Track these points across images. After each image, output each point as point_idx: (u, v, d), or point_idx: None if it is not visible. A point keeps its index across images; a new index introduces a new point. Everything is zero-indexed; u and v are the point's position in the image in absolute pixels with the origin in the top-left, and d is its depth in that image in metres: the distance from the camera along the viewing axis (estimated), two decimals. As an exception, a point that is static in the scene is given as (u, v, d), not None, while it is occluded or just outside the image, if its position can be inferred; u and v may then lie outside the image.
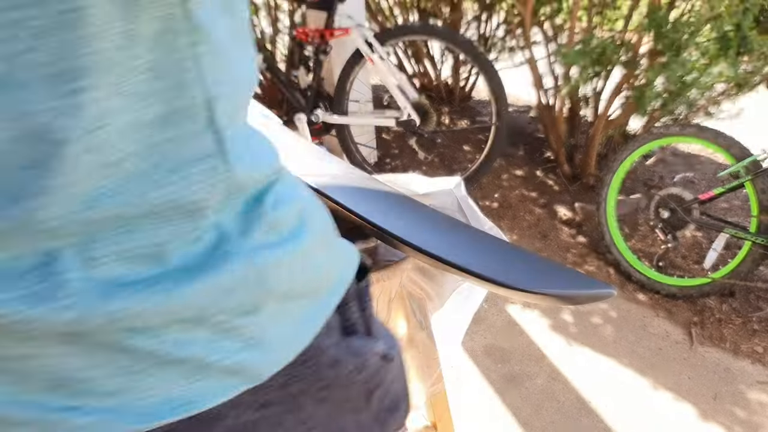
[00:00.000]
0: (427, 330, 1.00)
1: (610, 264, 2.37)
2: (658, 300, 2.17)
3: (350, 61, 2.58)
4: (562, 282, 0.74)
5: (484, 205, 2.77)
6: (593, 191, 2.85)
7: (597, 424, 1.64)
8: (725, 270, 2.05)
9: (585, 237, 2.56)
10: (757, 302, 2.13)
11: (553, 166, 3.08)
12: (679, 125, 2.13)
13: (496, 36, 3.58)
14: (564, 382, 1.79)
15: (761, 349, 1.93)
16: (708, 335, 1.99)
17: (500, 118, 2.55)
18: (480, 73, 2.57)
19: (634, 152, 2.24)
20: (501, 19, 3.54)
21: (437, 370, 1.05)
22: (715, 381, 1.80)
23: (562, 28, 3.10)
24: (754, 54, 2.10)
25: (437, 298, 1.01)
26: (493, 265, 0.77)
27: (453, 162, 3.13)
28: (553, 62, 2.80)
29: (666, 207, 2.16)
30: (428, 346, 1.01)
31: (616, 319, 2.07)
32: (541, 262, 0.79)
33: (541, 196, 2.86)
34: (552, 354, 1.90)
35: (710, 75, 2.09)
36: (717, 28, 2.05)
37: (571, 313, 2.09)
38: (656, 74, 2.18)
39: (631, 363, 1.87)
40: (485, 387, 1.76)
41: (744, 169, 1.97)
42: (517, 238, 2.56)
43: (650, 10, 2.26)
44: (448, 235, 0.86)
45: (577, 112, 2.96)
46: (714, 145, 2.04)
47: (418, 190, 1.08)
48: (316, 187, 0.91)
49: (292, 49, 2.65)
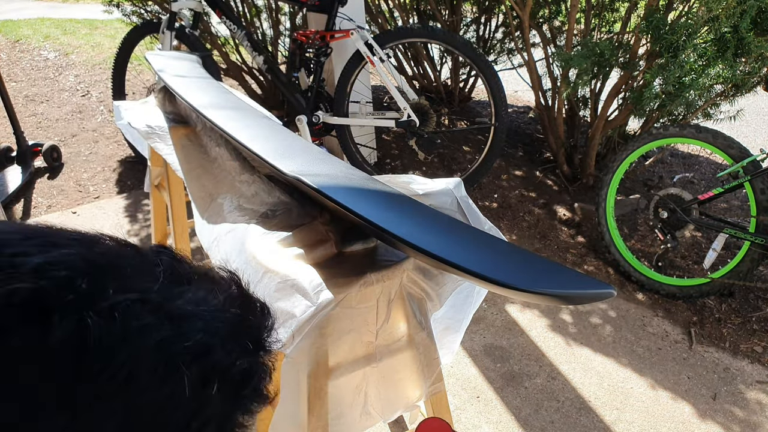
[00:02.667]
0: (427, 330, 1.01)
1: (609, 264, 2.37)
2: (658, 300, 2.17)
3: (350, 63, 2.59)
4: (561, 282, 0.75)
5: (483, 205, 2.78)
6: (592, 191, 2.86)
7: (596, 424, 1.65)
8: (724, 270, 2.06)
9: (584, 237, 2.56)
10: (756, 302, 2.14)
11: (553, 167, 3.09)
12: (677, 126, 2.14)
13: (495, 38, 3.59)
14: (563, 382, 1.79)
15: (760, 348, 1.93)
16: (707, 335, 2.00)
17: (499, 118, 2.56)
18: (479, 75, 2.58)
19: (633, 153, 2.25)
20: (499, 22, 3.55)
21: (437, 370, 1.05)
22: (714, 381, 1.81)
23: (561, 30, 3.11)
24: (752, 55, 2.11)
25: (437, 298, 1.01)
26: (493, 265, 0.77)
27: (453, 162, 3.13)
28: (551, 63, 2.81)
29: (665, 207, 2.17)
30: (428, 346, 1.02)
31: (615, 319, 2.07)
32: (541, 262, 0.79)
33: (541, 197, 2.86)
34: (551, 354, 1.90)
35: (708, 76, 2.10)
36: (714, 29, 2.06)
37: (571, 313, 2.10)
38: (654, 76, 2.19)
39: (630, 363, 1.87)
40: (485, 386, 1.77)
41: (743, 169, 1.97)
42: (517, 238, 2.56)
43: (648, 12, 2.27)
44: (448, 235, 0.87)
45: (576, 112, 2.97)
46: (713, 146, 2.05)
47: (418, 191, 1.09)
48: (316, 187, 0.92)
49: (293, 51, 2.66)
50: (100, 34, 5.30)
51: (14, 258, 0.30)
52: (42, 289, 0.29)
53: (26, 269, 0.30)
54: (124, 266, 0.34)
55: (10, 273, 0.29)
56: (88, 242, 0.34)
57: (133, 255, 0.36)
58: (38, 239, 0.32)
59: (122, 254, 0.35)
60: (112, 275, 0.32)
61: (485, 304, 2.13)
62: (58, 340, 0.28)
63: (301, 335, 0.86)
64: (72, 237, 0.34)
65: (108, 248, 0.35)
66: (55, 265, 0.30)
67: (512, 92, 4.28)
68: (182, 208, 1.68)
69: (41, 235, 0.33)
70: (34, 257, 0.30)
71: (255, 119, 1.32)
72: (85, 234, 0.35)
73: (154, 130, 1.47)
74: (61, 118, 3.64)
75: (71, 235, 0.34)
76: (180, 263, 0.38)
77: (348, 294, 0.88)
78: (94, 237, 0.36)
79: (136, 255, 0.36)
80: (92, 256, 0.33)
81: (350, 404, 1.00)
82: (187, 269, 0.38)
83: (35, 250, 0.31)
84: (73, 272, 0.31)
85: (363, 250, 0.98)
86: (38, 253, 0.31)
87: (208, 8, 2.64)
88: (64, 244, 0.32)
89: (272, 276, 0.90)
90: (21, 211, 2.74)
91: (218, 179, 1.22)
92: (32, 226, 0.34)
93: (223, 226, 1.08)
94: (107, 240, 0.36)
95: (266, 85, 3.57)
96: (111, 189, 2.93)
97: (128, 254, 0.36)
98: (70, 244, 0.33)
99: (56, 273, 0.30)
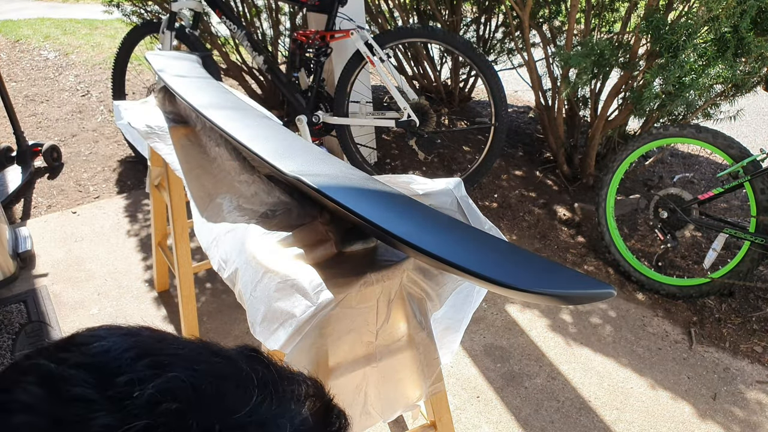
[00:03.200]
0: (427, 330, 1.01)
1: (609, 264, 2.37)
2: (658, 300, 2.17)
3: (350, 63, 2.59)
4: (561, 282, 0.75)
5: (483, 205, 2.78)
6: (592, 191, 2.86)
7: (596, 424, 1.65)
8: (724, 270, 2.06)
9: (584, 237, 2.56)
10: (756, 302, 2.14)
11: (553, 167, 3.09)
12: (677, 126, 2.14)
13: (495, 38, 3.59)
14: (563, 382, 1.79)
15: (760, 348, 1.93)
16: (707, 335, 2.00)
17: (499, 118, 2.56)
18: (479, 75, 2.58)
19: (633, 153, 2.25)
20: (499, 22, 3.55)
21: (437, 370, 1.05)
22: (714, 381, 1.81)
23: (561, 30, 3.11)
24: (752, 55, 2.11)
25: (437, 298, 1.01)
26: (493, 265, 0.77)
27: (452, 162, 3.13)
28: (551, 63, 2.81)
29: (665, 207, 2.17)
30: (428, 346, 1.02)
31: (615, 319, 2.07)
32: (540, 262, 0.79)
33: (541, 196, 2.86)
34: (551, 354, 1.90)
35: (708, 76, 2.10)
36: (714, 29, 2.06)
37: (571, 313, 2.10)
38: (654, 76, 2.19)
39: (630, 363, 1.87)
40: (485, 386, 1.77)
41: (743, 169, 1.97)
42: (517, 238, 2.56)
43: (648, 12, 2.27)
44: (448, 235, 0.87)
45: (576, 112, 2.97)
46: (713, 146, 2.05)
47: (418, 191, 1.09)
48: (316, 187, 0.92)
49: (293, 51, 2.66)
50: (100, 34, 5.30)
51: (129, 388, 0.30)
52: (157, 426, 0.29)
53: (141, 402, 0.30)
54: (227, 394, 0.34)
55: (127, 407, 0.29)
56: (192, 360, 0.35)
57: (231, 372, 0.36)
58: (148, 359, 0.32)
59: (223, 375, 0.35)
60: (217, 408, 0.33)
61: (485, 304, 2.13)
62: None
63: (300, 335, 0.86)
64: (175, 352, 0.34)
65: (209, 367, 0.35)
66: (165, 395, 0.31)
67: (512, 92, 4.28)
68: (182, 208, 1.68)
69: (149, 353, 0.33)
70: (147, 387, 0.31)
71: (255, 119, 1.32)
72: (186, 344, 0.36)
73: (154, 130, 1.47)
74: (61, 118, 3.64)
75: (175, 349, 0.35)
76: (271, 372, 0.38)
77: (348, 294, 0.88)
78: (195, 349, 0.36)
79: (233, 371, 0.36)
80: (198, 382, 0.33)
81: (350, 404, 1.00)
82: (275, 378, 0.38)
83: (148, 375, 0.31)
84: (183, 405, 0.31)
85: (363, 250, 0.98)
86: (150, 378, 0.31)
87: (208, 8, 2.64)
88: (170, 363, 0.33)
89: (272, 276, 0.90)
90: (21, 211, 2.74)
91: (218, 179, 1.22)
92: (138, 336, 0.34)
93: (223, 226, 1.08)
94: (204, 352, 0.36)
95: (266, 85, 3.57)
96: (111, 189, 2.94)
97: (228, 373, 0.36)
98: (176, 362, 0.33)
99: (168, 407, 0.30)
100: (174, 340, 0.36)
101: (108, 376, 0.30)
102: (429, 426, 1.22)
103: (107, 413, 0.29)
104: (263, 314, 0.91)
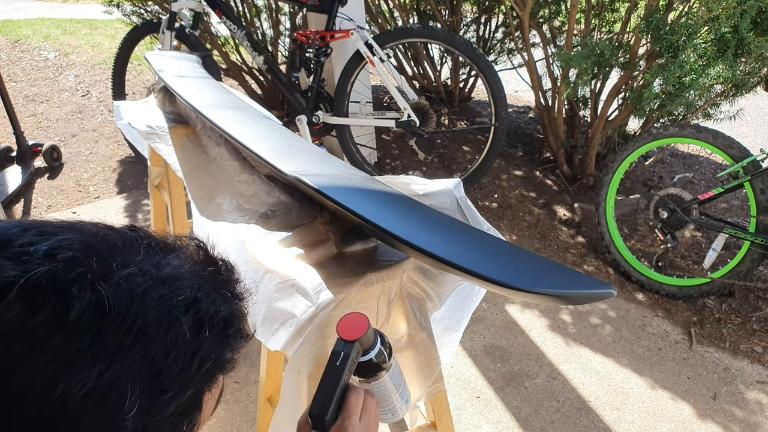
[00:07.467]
0: (427, 330, 1.01)
1: (609, 264, 2.37)
2: (658, 300, 2.17)
3: (350, 63, 2.59)
4: (561, 282, 0.75)
5: (483, 205, 2.78)
6: (592, 191, 2.86)
7: (596, 424, 1.65)
8: (724, 270, 2.06)
9: (584, 237, 2.56)
10: (756, 302, 2.14)
11: (553, 167, 3.09)
12: (677, 126, 2.14)
13: (495, 38, 3.59)
14: (563, 382, 1.79)
15: (760, 348, 1.93)
16: (707, 335, 2.00)
17: (499, 118, 2.56)
18: (479, 75, 2.58)
19: (633, 153, 2.25)
20: (499, 22, 3.55)
21: (437, 370, 1.05)
22: (714, 381, 1.81)
23: (561, 30, 3.11)
24: (752, 55, 2.11)
25: (437, 298, 1.01)
26: (493, 265, 0.77)
27: (452, 162, 3.13)
28: (551, 63, 2.81)
29: (665, 207, 2.17)
30: (428, 346, 1.02)
31: (615, 319, 2.07)
32: (540, 262, 0.79)
33: (541, 197, 2.86)
34: (551, 354, 1.90)
35: (708, 76, 2.10)
36: (714, 30, 2.06)
37: (571, 313, 2.10)
38: (654, 76, 2.18)
39: (630, 363, 1.87)
40: (485, 386, 1.77)
41: (743, 169, 1.97)
42: (517, 238, 2.56)
43: (648, 12, 2.27)
44: (448, 235, 0.87)
45: (576, 112, 2.97)
46: (713, 146, 2.05)
47: (418, 191, 1.09)
48: (316, 187, 0.92)
49: (293, 51, 2.66)
50: (100, 34, 5.30)
51: (25, 248, 0.36)
52: (58, 270, 0.36)
53: (38, 256, 0.36)
54: (115, 244, 0.41)
55: (26, 260, 0.36)
56: (76, 229, 0.41)
57: (117, 235, 0.43)
58: (34, 230, 0.38)
59: (108, 235, 0.42)
60: (109, 253, 0.39)
61: (485, 304, 2.13)
62: (81, 310, 0.35)
63: (302, 336, 0.86)
64: (60, 225, 0.40)
65: (94, 231, 0.41)
66: (60, 249, 0.37)
67: (512, 92, 4.28)
68: (182, 208, 1.68)
69: (34, 227, 0.39)
70: (41, 245, 0.37)
71: (255, 119, 1.32)
72: (67, 222, 0.42)
73: (154, 130, 1.47)
74: (61, 118, 3.64)
75: (58, 224, 0.40)
76: (153, 237, 0.46)
77: (348, 294, 0.88)
78: (77, 223, 0.42)
79: (118, 234, 0.43)
80: (86, 239, 0.39)
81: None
82: (161, 241, 0.45)
83: (38, 239, 0.37)
84: (78, 253, 0.37)
85: (363, 250, 0.98)
86: (42, 241, 0.37)
87: (208, 8, 2.64)
88: (56, 232, 0.39)
89: (272, 276, 0.90)
90: (21, 211, 2.74)
91: (218, 179, 1.22)
92: (21, 221, 0.40)
93: (223, 226, 1.08)
94: (88, 225, 0.43)
95: (266, 85, 3.57)
96: (111, 189, 2.94)
97: (113, 235, 0.42)
98: (62, 231, 0.39)
99: (64, 255, 0.37)
100: (59, 221, 0.42)
101: (3, 244, 0.36)
102: (429, 426, 1.22)
103: (12, 268, 0.35)
104: (264, 314, 0.91)
